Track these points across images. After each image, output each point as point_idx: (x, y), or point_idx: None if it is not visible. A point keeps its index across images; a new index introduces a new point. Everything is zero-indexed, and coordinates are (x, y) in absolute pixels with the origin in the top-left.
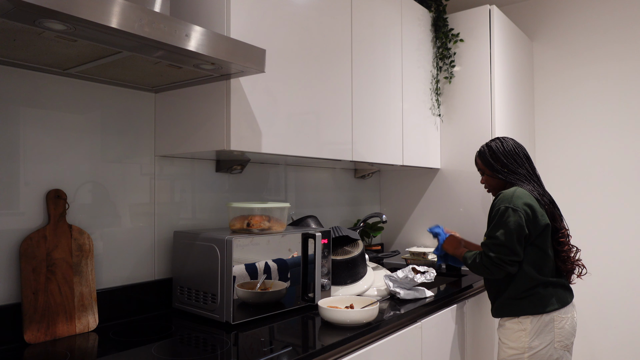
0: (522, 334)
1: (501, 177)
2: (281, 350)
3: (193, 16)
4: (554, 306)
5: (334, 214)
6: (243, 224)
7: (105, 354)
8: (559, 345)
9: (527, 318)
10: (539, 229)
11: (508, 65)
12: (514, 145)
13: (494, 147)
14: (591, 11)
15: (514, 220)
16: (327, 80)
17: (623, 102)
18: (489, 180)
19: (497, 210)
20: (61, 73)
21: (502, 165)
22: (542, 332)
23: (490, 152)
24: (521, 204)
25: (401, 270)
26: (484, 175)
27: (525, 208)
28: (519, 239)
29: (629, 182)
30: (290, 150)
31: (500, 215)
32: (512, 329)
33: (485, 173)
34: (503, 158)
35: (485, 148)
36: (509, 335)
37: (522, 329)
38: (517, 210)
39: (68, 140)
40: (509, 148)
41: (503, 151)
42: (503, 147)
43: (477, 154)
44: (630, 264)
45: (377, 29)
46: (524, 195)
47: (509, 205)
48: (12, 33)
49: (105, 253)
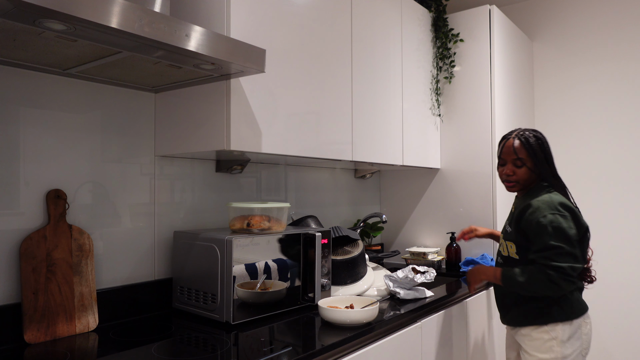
0: (553, 343)
1: (543, 172)
2: (281, 350)
3: (193, 16)
4: (582, 311)
5: (334, 214)
6: (243, 224)
7: (105, 354)
8: (585, 352)
9: (556, 325)
10: (581, 232)
11: (508, 65)
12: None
13: (540, 138)
14: (591, 11)
15: (568, 226)
16: (327, 80)
17: (623, 102)
18: (523, 174)
19: (544, 219)
20: (61, 73)
21: (546, 159)
22: (572, 338)
23: (538, 142)
24: (566, 209)
25: (401, 270)
26: (522, 167)
27: (570, 212)
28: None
29: (629, 182)
30: (290, 150)
31: (550, 223)
32: (541, 339)
33: (524, 165)
34: (548, 151)
35: (531, 137)
36: (539, 346)
37: (553, 337)
38: (566, 216)
39: (68, 140)
40: (547, 143)
41: (547, 145)
42: (545, 140)
43: (520, 143)
44: (631, 263)
45: (377, 29)
46: (562, 199)
47: (556, 212)
48: (12, 33)
49: (105, 253)
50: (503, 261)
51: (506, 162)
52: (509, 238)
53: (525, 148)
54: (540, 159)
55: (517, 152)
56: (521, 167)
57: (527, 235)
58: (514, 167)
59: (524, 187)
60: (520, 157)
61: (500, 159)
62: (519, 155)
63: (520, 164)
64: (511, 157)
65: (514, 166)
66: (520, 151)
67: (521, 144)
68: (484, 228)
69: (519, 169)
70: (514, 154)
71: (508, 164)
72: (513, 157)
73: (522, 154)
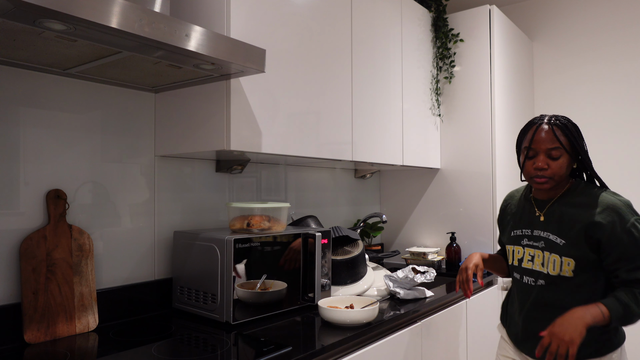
0: None
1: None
2: (281, 350)
3: (193, 16)
4: (624, 334)
5: (334, 214)
6: (243, 224)
7: (105, 354)
8: None
9: (613, 353)
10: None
11: (508, 65)
12: None
13: (575, 124)
14: (591, 11)
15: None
16: (327, 80)
17: (623, 102)
18: (558, 167)
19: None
20: (61, 73)
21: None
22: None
23: (576, 128)
24: None
25: (401, 270)
26: (559, 158)
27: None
28: None
29: (630, 182)
30: (290, 150)
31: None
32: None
33: (563, 154)
34: (583, 141)
35: (568, 122)
36: None
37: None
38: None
39: (68, 140)
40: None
41: (581, 133)
42: (579, 130)
43: (558, 128)
44: None
45: (377, 29)
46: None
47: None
48: (12, 33)
49: (105, 253)
50: (550, 282)
51: (538, 153)
52: (563, 253)
53: (566, 134)
54: (582, 148)
55: (555, 139)
56: (558, 159)
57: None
58: (548, 159)
59: (558, 183)
60: (558, 145)
61: (531, 150)
62: (558, 144)
63: (558, 155)
64: (546, 146)
65: (549, 158)
66: (559, 138)
67: (560, 130)
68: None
69: (555, 161)
70: (551, 142)
71: (540, 155)
72: (549, 146)
73: (561, 141)
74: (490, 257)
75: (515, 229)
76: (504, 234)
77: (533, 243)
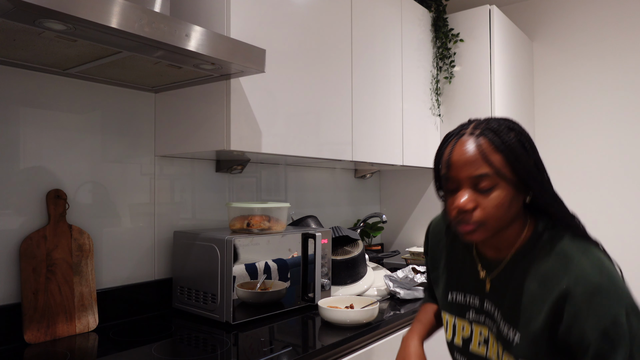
0: None
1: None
2: (281, 350)
3: (193, 16)
4: None
5: (334, 214)
6: (243, 224)
7: (105, 354)
8: None
9: None
10: None
11: (508, 65)
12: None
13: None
14: (591, 11)
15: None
16: (327, 80)
17: (623, 102)
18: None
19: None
20: (61, 73)
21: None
22: None
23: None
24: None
25: (401, 270)
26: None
27: None
28: None
29: (631, 182)
30: (290, 150)
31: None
32: None
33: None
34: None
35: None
36: None
37: None
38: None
39: (68, 140)
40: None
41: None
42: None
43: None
44: (633, 264)
45: (377, 29)
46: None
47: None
48: (12, 33)
49: (105, 253)
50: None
51: (460, 185)
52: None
53: (501, 151)
54: (530, 172)
55: (482, 159)
56: (489, 192)
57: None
58: (476, 194)
59: (498, 231)
60: (487, 172)
61: (449, 180)
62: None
63: (489, 186)
64: (468, 173)
65: (476, 191)
66: (488, 158)
67: (492, 143)
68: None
69: (486, 196)
70: (475, 166)
71: (464, 188)
72: (472, 173)
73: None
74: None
75: (454, 289)
76: (437, 286)
77: (485, 320)
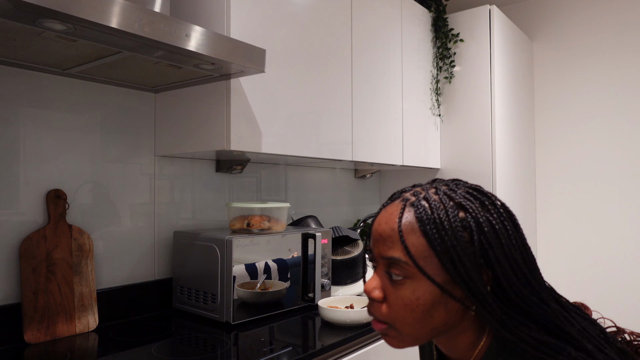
0: None
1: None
2: (281, 350)
3: (193, 16)
4: None
5: (334, 214)
6: (243, 224)
7: (105, 354)
8: None
9: None
10: None
11: (508, 65)
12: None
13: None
14: (591, 11)
15: None
16: (327, 80)
17: (623, 102)
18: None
19: None
20: (61, 73)
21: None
22: None
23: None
24: None
25: None
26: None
27: None
28: None
29: (631, 182)
30: (290, 150)
31: None
32: None
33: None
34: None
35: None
36: None
37: None
38: None
39: (68, 140)
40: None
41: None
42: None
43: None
44: (634, 264)
45: (377, 28)
46: None
47: None
48: (12, 33)
49: (105, 253)
50: None
51: (377, 264)
52: None
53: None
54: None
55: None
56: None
57: None
58: (387, 281)
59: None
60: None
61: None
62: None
63: (398, 275)
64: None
65: (388, 278)
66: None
67: (417, 219)
68: None
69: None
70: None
71: (379, 269)
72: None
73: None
74: None
75: None
76: None
77: None
